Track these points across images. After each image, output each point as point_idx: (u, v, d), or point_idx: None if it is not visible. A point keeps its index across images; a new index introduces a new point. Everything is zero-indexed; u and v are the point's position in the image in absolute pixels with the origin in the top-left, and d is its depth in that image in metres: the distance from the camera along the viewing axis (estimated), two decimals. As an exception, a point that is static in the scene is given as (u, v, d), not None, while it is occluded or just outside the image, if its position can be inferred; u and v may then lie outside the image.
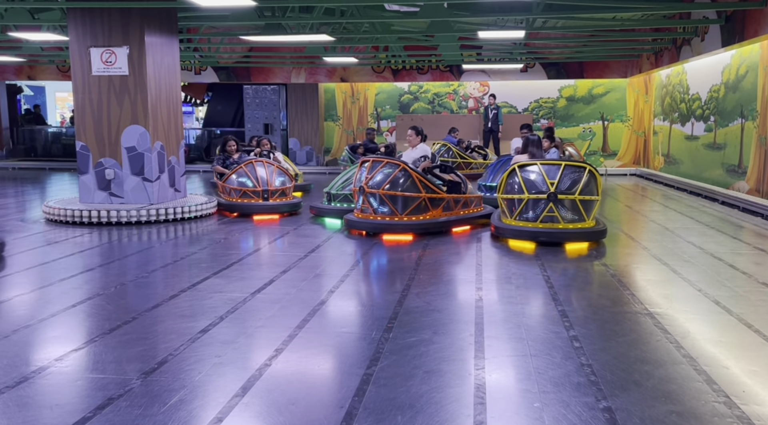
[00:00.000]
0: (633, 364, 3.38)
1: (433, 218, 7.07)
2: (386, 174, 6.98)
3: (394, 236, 6.88)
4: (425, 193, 6.96)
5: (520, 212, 6.58)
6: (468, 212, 7.57)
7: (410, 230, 6.90)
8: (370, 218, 7.00)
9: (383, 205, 6.94)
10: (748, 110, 9.60)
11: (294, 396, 2.99)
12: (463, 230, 7.35)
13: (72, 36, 8.10)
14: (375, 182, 6.98)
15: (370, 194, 6.95)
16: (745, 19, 8.30)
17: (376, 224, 6.94)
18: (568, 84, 16.21)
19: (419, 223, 6.95)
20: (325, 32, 10.38)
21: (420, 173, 7.00)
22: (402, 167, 6.94)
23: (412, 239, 6.80)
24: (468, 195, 7.58)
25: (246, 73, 16.77)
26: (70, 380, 3.20)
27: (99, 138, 8.20)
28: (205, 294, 4.75)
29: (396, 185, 6.92)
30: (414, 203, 6.90)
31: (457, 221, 7.34)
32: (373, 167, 7.09)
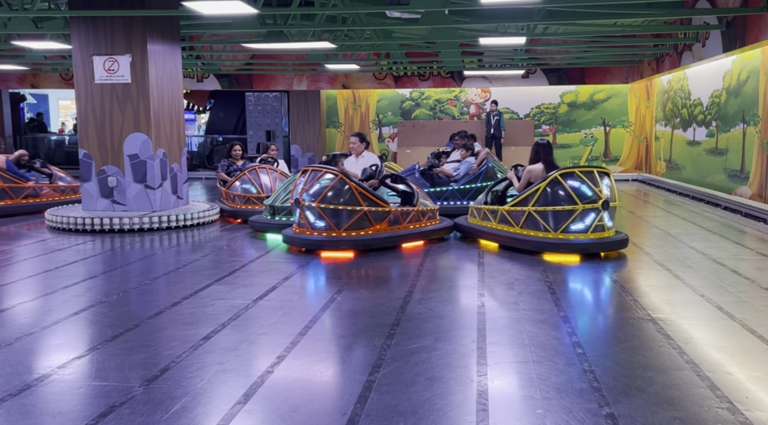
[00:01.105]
0: (636, 370, 3.37)
1: (376, 233, 6.49)
2: (323, 185, 6.40)
3: (333, 253, 6.35)
4: (366, 206, 6.39)
5: (567, 225, 6.16)
6: (420, 226, 6.97)
7: (350, 247, 6.34)
8: (307, 233, 6.47)
9: (320, 219, 6.37)
10: (750, 115, 9.61)
11: (296, 403, 2.99)
12: (415, 246, 6.80)
13: (75, 44, 8.15)
14: (311, 194, 6.42)
15: (306, 207, 6.41)
16: (746, 25, 8.32)
17: (312, 241, 6.40)
18: (570, 90, 16.23)
19: (360, 239, 6.39)
20: (326, 39, 10.43)
21: (359, 184, 6.43)
22: (340, 177, 6.37)
23: (354, 257, 6.29)
24: (418, 208, 6.95)
25: (248, 80, 16.84)
26: (72, 387, 3.20)
27: (102, 146, 8.23)
28: (208, 301, 4.76)
29: (333, 198, 6.33)
30: (354, 216, 6.33)
31: (407, 236, 6.76)
32: (310, 178, 6.52)
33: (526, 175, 6.64)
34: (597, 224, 6.20)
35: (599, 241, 6.22)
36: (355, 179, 6.49)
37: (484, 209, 6.95)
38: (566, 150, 16.37)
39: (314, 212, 6.38)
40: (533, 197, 6.32)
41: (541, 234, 6.28)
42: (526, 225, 6.39)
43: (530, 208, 6.29)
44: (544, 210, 6.25)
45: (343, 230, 6.34)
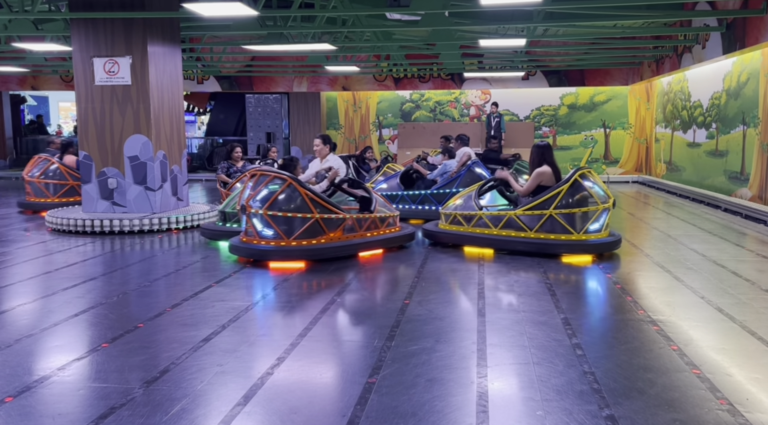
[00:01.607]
0: (636, 372, 3.37)
1: (330, 241, 6.12)
2: (271, 191, 5.98)
3: (282, 263, 5.91)
4: (318, 213, 6.01)
5: (588, 226, 6.20)
6: (378, 234, 6.59)
7: (301, 257, 5.94)
8: (254, 242, 6.03)
9: (268, 227, 5.94)
10: (750, 117, 9.61)
11: (296, 405, 2.99)
12: (372, 255, 6.43)
13: (75, 46, 8.15)
14: (258, 200, 5.99)
15: (253, 214, 5.98)
16: (746, 27, 8.32)
17: (260, 250, 5.96)
18: (570, 92, 16.24)
19: (312, 248, 5.99)
20: (326, 41, 10.44)
21: (311, 189, 6.05)
22: (289, 182, 5.96)
23: (305, 267, 5.88)
24: (376, 214, 6.56)
25: (248, 82, 16.85)
26: (72, 389, 3.20)
27: (102, 147, 8.24)
28: (207, 303, 4.76)
29: (282, 204, 5.92)
30: (305, 224, 5.94)
31: (364, 244, 6.38)
32: (258, 182, 6.10)
33: (536, 178, 6.46)
34: (607, 223, 6.35)
35: (611, 240, 6.34)
36: (306, 184, 6.10)
37: (482, 215, 6.57)
38: (566, 152, 16.37)
39: (262, 220, 5.95)
40: (554, 199, 6.20)
41: (563, 237, 6.20)
42: (542, 229, 6.27)
43: (552, 211, 6.19)
44: (569, 212, 6.18)
45: (294, 239, 5.93)
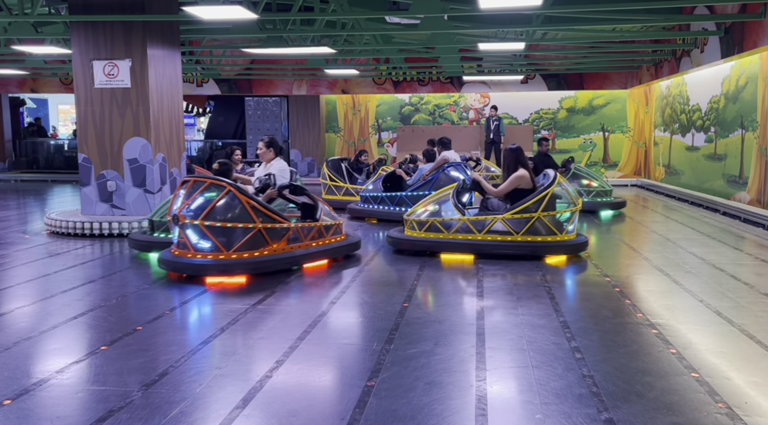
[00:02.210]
0: (635, 375, 3.37)
1: (273, 253, 5.69)
2: (208, 199, 5.53)
3: (220, 278, 5.45)
4: (261, 222, 5.59)
5: (568, 226, 6.45)
6: (324, 243, 6.22)
7: (243, 270, 5.50)
8: (188, 255, 5.52)
9: (204, 239, 5.47)
10: (748, 120, 9.63)
11: (295, 408, 2.98)
12: (317, 266, 6.06)
13: (75, 49, 8.16)
14: (193, 209, 5.51)
15: (187, 224, 5.50)
16: (744, 31, 8.35)
17: (195, 265, 5.45)
18: (569, 95, 16.27)
19: (254, 260, 5.54)
20: (326, 44, 10.45)
21: (251, 197, 5.62)
22: (228, 189, 5.52)
23: (246, 282, 5.44)
24: (321, 223, 6.22)
25: (248, 85, 16.87)
26: (71, 392, 3.19)
27: (101, 150, 8.24)
28: (206, 306, 4.75)
29: (220, 213, 5.46)
30: (246, 235, 5.50)
31: (309, 255, 5.98)
32: (192, 190, 5.64)
33: (515, 181, 6.46)
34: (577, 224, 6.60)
35: (585, 239, 6.58)
36: (246, 192, 5.65)
37: (465, 220, 6.40)
38: (565, 155, 16.32)
39: (197, 231, 5.47)
40: (541, 202, 6.24)
41: (549, 238, 6.28)
42: (528, 231, 6.29)
43: (540, 213, 6.24)
44: (556, 214, 6.32)
45: (234, 252, 5.47)
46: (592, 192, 9.93)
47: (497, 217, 6.36)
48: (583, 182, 10.05)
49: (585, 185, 9.99)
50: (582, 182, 10.04)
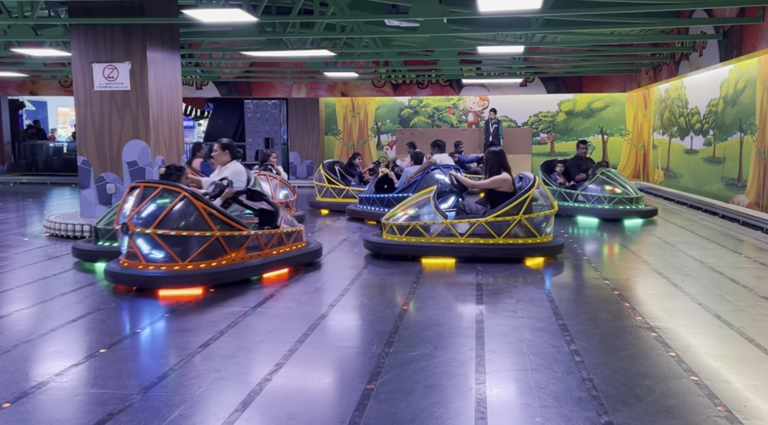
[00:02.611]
0: (634, 378, 3.37)
1: (232, 262, 5.37)
2: (161, 206, 5.17)
3: (175, 291, 5.08)
4: (218, 230, 5.28)
5: (547, 228, 6.51)
6: (285, 251, 5.92)
7: (200, 282, 5.14)
8: (140, 267, 5.14)
9: (157, 248, 5.12)
10: (747, 124, 9.65)
11: (294, 411, 2.98)
12: (278, 275, 5.77)
13: (74, 52, 8.17)
14: (144, 217, 5.15)
15: (138, 233, 5.13)
16: (743, 35, 8.37)
17: (148, 277, 5.08)
18: (568, 98, 16.30)
19: (212, 271, 5.20)
20: (325, 47, 10.47)
21: (208, 203, 5.29)
22: (183, 195, 5.17)
23: (202, 294, 5.10)
24: (282, 230, 5.93)
25: (247, 87, 16.88)
26: (70, 395, 3.19)
27: (100, 153, 8.24)
28: (205, 308, 4.75)
29: (175, 221, 5.11)
30: (203, 243, 5.16)
31: (269, 264, 5.69)
32: (142, 196, 5.26)
33: (498, 182, 6.49)
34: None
35: (563, 241, 6.66)
36: (203, 198, 5.32)
37: (448, 224, 6.35)
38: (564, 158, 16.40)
39: (149, 240, 5.11)
40: (522, 205, 6.28)
41: (530, 240, 6.35)
42: (510, 234, 6.32)
43: (522, 216, 6.28)
44: (537, 216, 6.37)
45: (190, 262, 5.13)
46: (615, 199, 9.30)
47: (480, 220, 6.35)
48: (606, 188, 9.43)
49: (608, 191, 9.39)
50: (605, 188, 9.44)
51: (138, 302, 4.96)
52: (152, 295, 5.09)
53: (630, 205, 9.30)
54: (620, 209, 9.25)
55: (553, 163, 10.27)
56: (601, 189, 9.44)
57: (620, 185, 9.43)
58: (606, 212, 9.22)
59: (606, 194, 9.35)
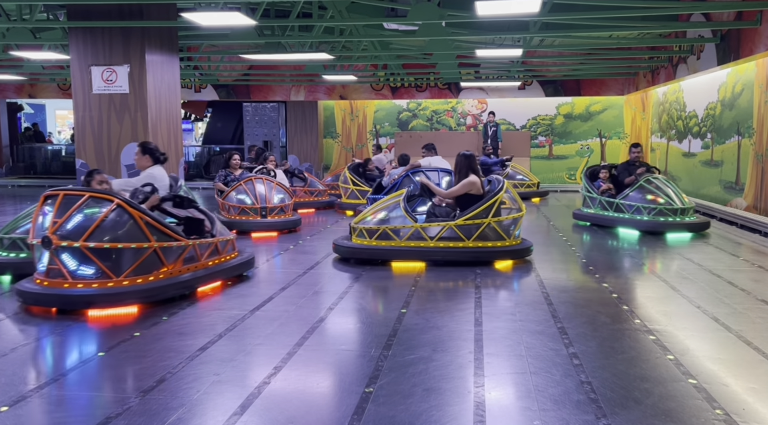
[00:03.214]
0: (633, 381, 3.37)
1: (170, 276, 4.93)
2: (89, 216, 4.66)
3: (108, 310, 4.58)
4: (156, 240, 4.82)
5: (516, 231, 6.55)
6: (220, 262, 5.52)
7: (135, 298, 4.68)
8: (65, 285, 4.55)
9: (86, 264, 4.59)
10: (745, 127, 9.67)
11: (293, 415, 2.98)
12: (212, 289, 5.32)
13: (73, 55, 8.17)
14: (69, 229, 4.60)
15: (63, 248, 4.56)
16: (740, 38, 8.39)
17: (77, 296, 4.53)
18: (566, 101, 16.33)
19: (150, 287, 4.75)
20: (324, 50, 10.48)
21: (144, 211, 4.85)
22: (117, 203, 4.72)
23: (138, 312, 4.65)
24: (218, 239, 5.56)
25: (246, 90, 16.89)
26: (68, 399, 3.18)
27: (99, 156, 8.24)
28: (204, 312, 4.74)
29: (107, 232, 4.62)
30: (140, 256, 4.72)
31: (206, 276, 5.26)
32: (64, 206, 4.69)
33: (466, 186, 6.48)
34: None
35: (530, 244, 6.67)
36: (139, 206, 4.89)
37: (418, 227, 6.31)
38: (562, 161, 16.45)
39: (77, 255, 4.57)
40: (491, 208, 6.29)
41: (499, 244, 6.36)
42: (479, 237, 6.32)
43: (491, 219, 6.29)
44: (506, 219, 6.41)
45: (125, 277, 4.67)
46: (655, 210, 8.26)
47: (449, 223, 6.33)
48: (648, 197, 8.41)
49: (649, 200, 8.38)
50: (646, 197, 8.42)
51: (140, 309, 4.93)
52: (79, 317, 4.52)
53: (673, 216, 8.22)
54: (661, 220, 8.21)
55: (597, 168, 9.44)
56: (641, 198, 8.45)
57: (664, 194, 8.35)
58: (645, 224, 8.27)
59: (646, 204, 8.35)
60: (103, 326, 4.40)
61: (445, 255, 6.32)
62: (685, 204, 8.38)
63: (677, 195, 8.44)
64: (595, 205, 9.00)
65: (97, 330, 4.30)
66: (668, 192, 8.43)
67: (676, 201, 8.34)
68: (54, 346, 4.02)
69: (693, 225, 8.23)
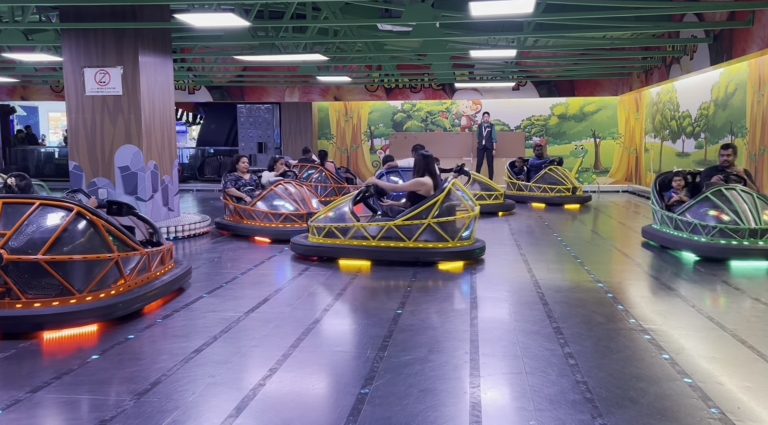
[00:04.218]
0: (628, 381, 3.37)
1: (128, 289, 4.58)
2: (46, 226, 4.23)
3: (65, 331, 4.14)
4: (118, 251, 4.49)
5: (461, 233, 6.45)
6: (165, 272, 5.20)
7: (97, 316, 4.25)
8: (17, 306, 4.05)
9: (45, 279, 4.14)
10: (738, 127, 9.71)
11: (289, 416, 2.97)
12: (157, 303, 4.93)
13: (66, 57, 8.13)
14: (23, 241, 4.13)
15: (15, 264, 4.07)
16: (733, 38, 8.43)
17: (34, 317, 4.05)
18: (560, 102, 16.36)
19: (111, 302, 4.33)
20: (318, 52, 10.47)
21: (107, 219, 4.59)
22: (77, 210, 4.36)
23: (98, 331, 4.24)
24: (170, 245, 5.41)
25: (240, 92, 16.86)
26: (62, 402, 3.16)
27: (92, 158, 8.20)
28: (199, 314, 4.73)
29: (68, 243, 4.23)
30: (102, 268, 4.35)
31: (161, 288, 4.90)
32: (14, 215, 4.23)
33: (416, 185, 6.54)
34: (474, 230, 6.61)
35: (479, 246, 6.60)
36: (101, 213, 4.59)
37: (360, 226, 6.42)
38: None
39: (35, 270, 4.12)
40: (431, 209, 6.29)
41: (440, 245, 6.33)
42: (420, 238, 6.33)
43: (431, 220, 6.28)
44: (447, 221, 6.35)
45: (88, 292, 4.26)
46: (716, 230, 6.47)
47: (389, 223, 6.39)
48: (710, 213, 6.63)
49: (711, 216, 6.61)
50: (709, 213, 6.64)
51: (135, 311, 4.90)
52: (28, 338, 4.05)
53: (740, 239, 6.36)
54: (722, 244, 6.39)
55: (669, 175, 7.73)
56: (703, 214, 6.68)
57: (731, 212, 6.47)
58: (703, 248, 6.55)
59: (707, 222, 6.58)
60: (97, 329, 4.37)
61: (385, 255, 6.41)
62: (761, 224, 6.37)
63: (754, 212, 6.48)
64: (659, 219, 7.40)
65: (89, 334, 4.28)
66: (740, 207, 6.51)
67: (751, 220, 6.40)
68: (45, 350, 4.00)
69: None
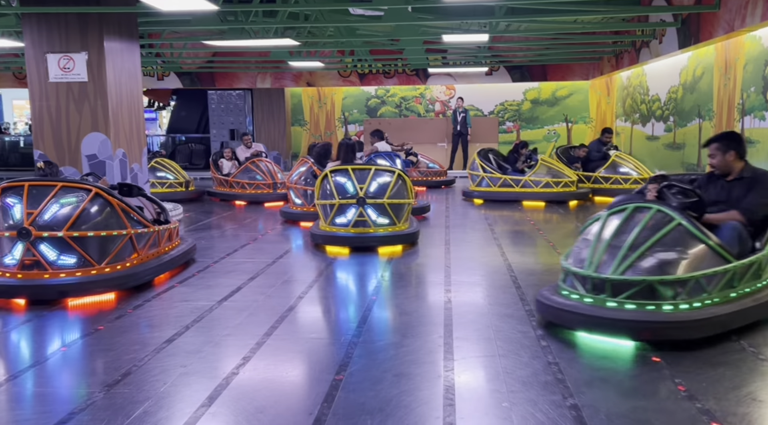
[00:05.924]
0: (598, 361, 3.43)
1: (142, 262, 5.10)
2: (66, 205, 4.75)
3: (85, 299, 4.65)
4: (131, 228, 5.01)
5: (332, 218, 6.55)
6: (174, 247, 5.73)
7: (114, 285, 4.78)
8: (45, 276, 4.56)
9: (69, 253, 4.66)
10: (705, 110, 9.88)
11: (262, 404, 2.95)
12: (165, 276, 5.38)
13: (27, 42, 7.89)
14: (48, 219, 4.66)
15: (44, 239, 4.60)
16: (700, 22, 8.54)
17: (60, 286, 4.57)
18: (532, 87, 16.44)
19: (127, 273, 4.87)
20: (289, 36, 10.33)
21: (121, 199, 5.08)
22: (95, 191, 4.86)
23: (116, 299, 4.72)
24: (173, 224, 5.83)
25: (210, 78, 16.59)
26: (30, 395, 3.10)
27: (58, 146, 8.00)
28: (170, 303, 4.67)
29: (88, 221, 4.76)
30: (118, 243, 4.88)
31: (170, 261, 5.47)
32: (39, 197, 4.76)
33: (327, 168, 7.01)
34: (358, 219, 6.44)
35: (357, 235, 6.43)
36: (115, 193, 5.11)
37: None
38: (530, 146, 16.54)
39: (59, 245, 4.63)
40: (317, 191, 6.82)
41: (321, 226, 6.70)
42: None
43: (317, 201, 6.75)
44: (328, 203, 6.56)
45: (106, 264, 4.79)
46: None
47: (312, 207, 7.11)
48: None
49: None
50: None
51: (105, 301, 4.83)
52: (60, 306, 4.53)
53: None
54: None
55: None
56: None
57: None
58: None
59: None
60: (67, 320, 4.29)
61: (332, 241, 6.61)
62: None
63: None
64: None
65: (59, 325, 4.20)
66: None
67: None
68: (13, 341, 3.91)
69: None
